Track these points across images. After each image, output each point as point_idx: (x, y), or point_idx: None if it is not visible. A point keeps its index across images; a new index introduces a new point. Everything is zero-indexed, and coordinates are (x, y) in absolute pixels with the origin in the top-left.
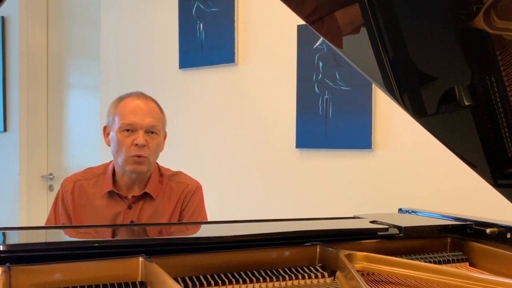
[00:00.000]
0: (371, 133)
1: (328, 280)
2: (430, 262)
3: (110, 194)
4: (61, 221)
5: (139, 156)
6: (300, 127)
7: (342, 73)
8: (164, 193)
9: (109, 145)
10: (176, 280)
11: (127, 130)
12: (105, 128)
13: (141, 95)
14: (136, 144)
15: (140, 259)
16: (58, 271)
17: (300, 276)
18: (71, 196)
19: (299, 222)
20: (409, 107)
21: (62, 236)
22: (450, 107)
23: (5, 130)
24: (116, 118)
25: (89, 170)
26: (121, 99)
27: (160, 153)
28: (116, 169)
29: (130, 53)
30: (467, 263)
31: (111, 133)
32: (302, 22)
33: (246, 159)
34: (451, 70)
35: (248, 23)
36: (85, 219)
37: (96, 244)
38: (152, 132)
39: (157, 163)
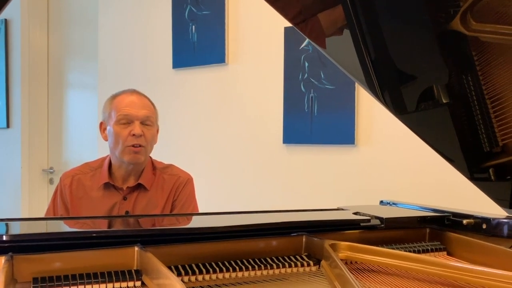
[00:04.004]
0: (354, 129)
1: (314, 268)
2: (409, 251)
3: (106, 186)
4: (59, 213)
5: (136, 146)
6: (287, 124)
7: (326, 72)
8: (157, 184)
9: (106, 140)
10: (170, 268)
11: (124, 123)
12: (101, 124)
13: (134, 92)
14: (133, 134)
15: (136, 248)
16: (58, 260)
17: (287, 264)
18: (69, 190)
19: (286, 213)
20: (390, 105)
21: (62, 227)
22: (429, 105)
23: (8, 126)
24: (112, 113)
25: (86, 164)
26: (115, 96)
27: (154, 147)
28: (112, 162)
29: (126, 53)
30: (445, 253)
31: (108, 127)
32: (289, 24)
33: (236, 154)
34: (430, 70)
35: (238, 25)
36: (83, 210)
37: (94, 235)
38: (147, 124)
39: (150, 156)
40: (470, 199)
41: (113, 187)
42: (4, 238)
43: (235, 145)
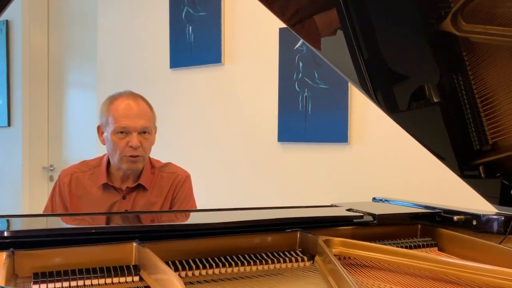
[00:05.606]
0: (347, 128)
1: (308, 264)
2: (401, 247)
3: (105, 186)
4: (57, 211)
5: (134, 156)
6: (281, 122)
7: (320, 72)
8: (155, 183)
9: (103, 144)
10: (167, 263)
11: (121, 132)
12: (99, 127)
13: (130, 95)
14: (131, 146)
15: (134, 244)
16: (58, 255)
17: (281, 260)
18: (68, 188)
19: (281, 210)
20: (382, 104)
21: (61, 223)
22: (420, 103)
23: (9, 125)
24: (110, 120)
25: (85, 162)
26: (112, 100)
27: (153, 147)
28: (111, 163)
29: (125, 53)
30: (436, 248)
31: (105, 134)
32: (283, 25)
33: (232, 152)
34: (421, 70)
35: (234, 26)
36: (82, 209)
37: (94, 231)
38: (145, 132)
39: (148, 156)
40: (461, 196)
41: (112, 187)
42: (5, 234)
43: (231, 143)
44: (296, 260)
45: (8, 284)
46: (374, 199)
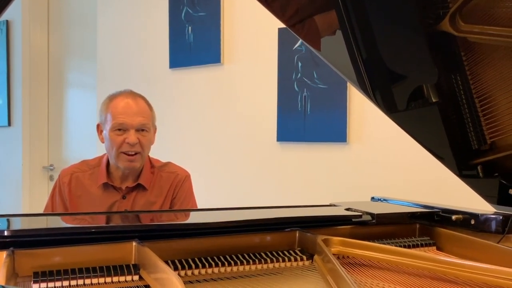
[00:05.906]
0: (346, 128)
1: (307, 263)
2: (400, 246)
3: (105, 185)
4: (57, 210)
5: (131, 154)
6: (280, 122)
7: (319, 72)
8: (155, 183)
9: (103, 142)
10: (167, 263)
11: (119, 130)
12: (98, 126)
13: (130, 94)
14: (128, 142)
15: (134, 243)
16: (58, 255)
17: (280, 259)
18: (68, 188)
19: (280, 209)
20: (381, 104)
21: (62, 223)
22: (419, 103)
23: (9, 124)
24: (108, 117)
25: (84, 162)
26: (111, 98)
27: (152, 146)
28: (110, 163)
29: (125, 53)
30: (435, 247)
31: (104, 132)
32: (283, 25)
33: (232, 152)
34: (420, 70)
35: (233, 26)
36: (82, 208)
37: (93, 230)
38: (143, 130)
39: (148, 155)
40: (459, 196)
41: (111, 187)
42: (6, 233)
43: (231, 143)
44: (295, 259)
45: (8, 283)
46: (372, 198)
